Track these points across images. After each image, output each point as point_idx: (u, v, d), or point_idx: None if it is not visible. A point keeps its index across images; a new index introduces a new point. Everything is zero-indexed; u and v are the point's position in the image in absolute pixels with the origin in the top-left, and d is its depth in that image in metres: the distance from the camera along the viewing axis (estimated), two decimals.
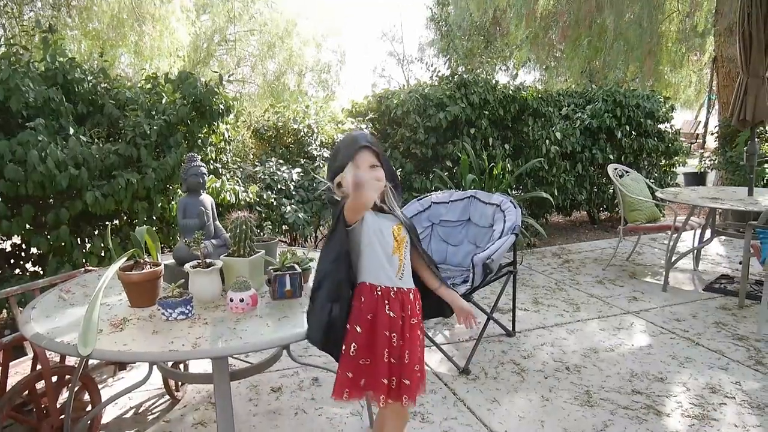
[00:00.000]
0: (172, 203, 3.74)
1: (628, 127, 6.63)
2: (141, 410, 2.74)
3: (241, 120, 5.11)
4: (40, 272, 3.44)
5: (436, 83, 5.94)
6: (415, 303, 1.81)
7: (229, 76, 5.62)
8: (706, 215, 5.22)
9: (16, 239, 3.48)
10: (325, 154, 5.19)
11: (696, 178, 8.98)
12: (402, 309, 1.75)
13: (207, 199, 2.34)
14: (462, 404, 2.74)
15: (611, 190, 6.76)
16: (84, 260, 3.29)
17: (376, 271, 1.73)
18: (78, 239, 3.45)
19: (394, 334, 1.72)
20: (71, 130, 3.31)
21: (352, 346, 1.69)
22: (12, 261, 3.50)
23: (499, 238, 3.12)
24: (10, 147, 2.98)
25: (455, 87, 5.60)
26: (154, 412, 2.73)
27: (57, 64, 3.48)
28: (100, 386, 2.42)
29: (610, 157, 6.56)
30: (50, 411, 2.12)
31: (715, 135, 7.63)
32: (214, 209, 2.39)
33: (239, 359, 2.93)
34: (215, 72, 4.16)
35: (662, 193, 4.81)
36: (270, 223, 4.33)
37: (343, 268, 1.69)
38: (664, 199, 4.75)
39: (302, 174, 4.90)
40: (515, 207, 3.34)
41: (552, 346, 3.41)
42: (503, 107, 5.72)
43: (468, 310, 1.89)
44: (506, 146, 5.85)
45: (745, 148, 4.85)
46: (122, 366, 3.04)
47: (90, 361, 2.37)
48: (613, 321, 3.82)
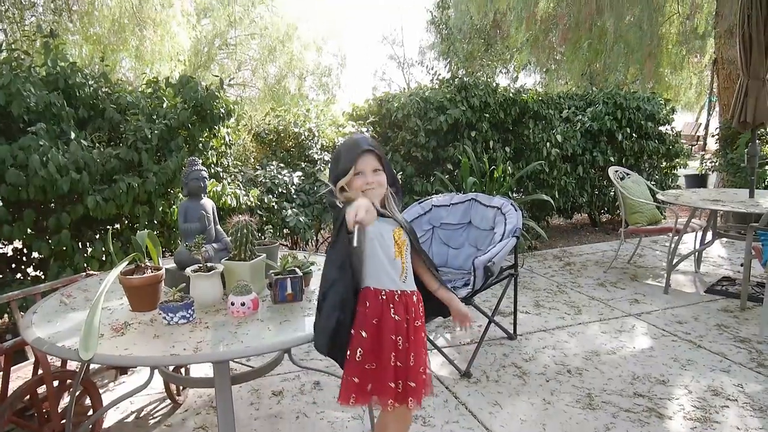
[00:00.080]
0: (173, 207, 3.74)
1: (628, 130, 6.63)
2: (142, 414, 2.74)
3: (242, 124, 5.12)
4: (42, 277, 3.44)
5: (437, 86, 5.95)
6: (419, 305, 1.82)
7: (230, 80, 5.64)
8: (707, 217, 5.22)
9: (17, 244, 3.48)
10: (325, 158, 5.19)
11: (697, 180, 8.98)
12: (406, 312, 1.75)
13: (208, 203, 2.35)
14: (463, 408, 2.73)
15: (612, 193, 6.75)
16: (85, 264, 3.29)
17: (379, 275, 1.73)
18: (79, 243, 3.45)
19: (399, 337, 1.72)
20: (72, 135, 3.31)
21: (358, 351, 1.68)
22: (13, 265, 3.50)
23: (500, 241, 3.12)
24: (12, 152, 2.98)
25: (456, 90, 5.61)
26: (155, 416, 2.73)
27: (58, 68, 3.49)
28: (101, 391, 2.41)
29: (611, 159, 6.56)
30: (52, 416, 2.11)
31: (716, 137, 7.63)
32: (215, 213, 2.39)
33: (240, 363, 2.93)
34: (216, 76, 4.17)
35: (663, 196, 4.80)
36: (271, 226, 4.34)
37: (349, 274, 1.69)
38: (665, 202, 4.74)
39: (303, 178, 4.91)
40: (516, 210, 3.34)
41: (553, 349, 3.41)
42: (504, 110, 5.72)
43: (464, 313, 1.89)
44: (507, 149, 5.86)
45: (746, 150, 4.85)
46: (123, 370, 3.02)
47: (91, 366, 2.37)
48: (614, 324, 3.81)
